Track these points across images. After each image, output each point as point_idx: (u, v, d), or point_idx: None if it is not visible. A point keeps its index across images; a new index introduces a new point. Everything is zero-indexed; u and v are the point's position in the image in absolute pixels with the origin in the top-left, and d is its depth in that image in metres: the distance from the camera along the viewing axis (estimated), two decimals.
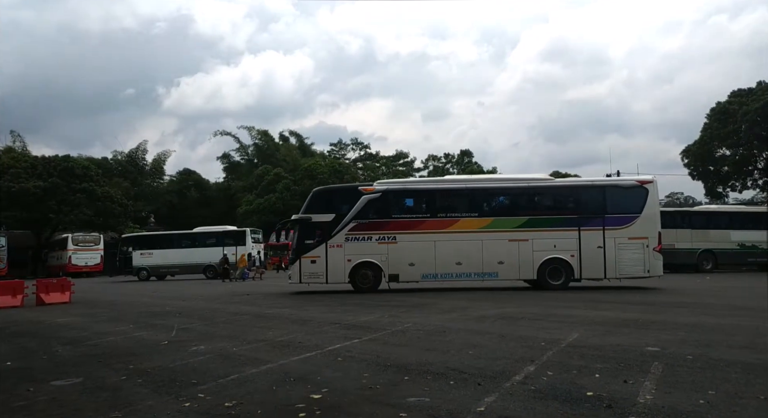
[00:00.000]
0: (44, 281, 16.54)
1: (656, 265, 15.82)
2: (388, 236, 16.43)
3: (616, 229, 15.89)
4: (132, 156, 57.03)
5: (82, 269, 37.30)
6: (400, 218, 16.63)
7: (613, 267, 15.85)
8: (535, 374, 5.43)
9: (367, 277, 16.56)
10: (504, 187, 17.32)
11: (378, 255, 16.41)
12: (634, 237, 15.78)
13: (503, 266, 16.16)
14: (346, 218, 16.47)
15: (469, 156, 62.84)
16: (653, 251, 15.76)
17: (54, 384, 5.63)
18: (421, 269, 16.33)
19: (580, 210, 16.35)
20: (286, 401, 4.72)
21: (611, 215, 16.05)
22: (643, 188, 16.16)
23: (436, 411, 4.30)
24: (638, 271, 15.83)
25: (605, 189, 16.79)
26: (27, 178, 39.21)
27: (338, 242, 16.45)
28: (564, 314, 10.19)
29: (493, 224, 16.33)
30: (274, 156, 55.65)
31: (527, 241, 16.08)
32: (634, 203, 16.04)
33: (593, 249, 15.90)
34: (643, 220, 15.89)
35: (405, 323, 9.33)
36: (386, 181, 19.05)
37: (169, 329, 9.49)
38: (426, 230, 16.34)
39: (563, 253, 16.01)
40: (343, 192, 18.73)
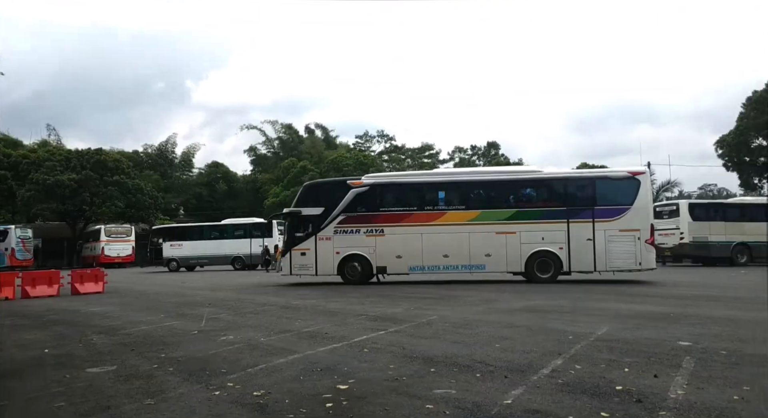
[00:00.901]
0: (79, 272, 17.03)
1: (648, 257, 15.58)
2: (376, 229, 16.67)
3: (607, 221, 15.68)
4: (162, 149, 58.10)
5: (115, 259, 38.24)
6: (387, 211, 16.81)
7: (604, 260, 15.64)
8: (562, 368, 5.38)
9: (355, 269, 16.81)
10: (491, 180, 17.29)
11: (366, 247, 16.67)
12: (625, 229, 15.55)
13: (490, 259, 16.16)
14: (335, 211, 16.80)
15: (496, 148, 62.24)
16: (645, 243, 15.48)
17: (90, 371, 5.79)
18: (409, 261, 16.53)
19: (569, 202, 16.19)
20: (313, 391, 4.77)
21: (601, 206, 15.84)
22: (635, 179, 15.87)
23: (462, 403, 4.30)
24: (630, 264, 15.58)
25: (595, 181, 16.59)
26: (62, 171, 40.30)
27: (327, 235, 16.81)
28: (594, 307, 10.06)
29: (480, 216, 16.36)
30: (297, 149, 56.05)
31: (515, 233, 16.04)
32: (625, 195, 15.77)
33: (583, 241, 15.75)
34: (635, 212, 15.61)
35: (431, 316, 9.33)
36: (374, 175, 19.25)
37: (199, 318, 9.68)
38: (413, 222, 16.53)
39: (551, 245, 15.90)
40: (332, 186, 18.90)
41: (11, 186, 40.11)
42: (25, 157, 41.93)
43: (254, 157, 61.14)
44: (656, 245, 27.15)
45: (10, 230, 34.39)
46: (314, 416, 4.10)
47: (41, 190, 39.21)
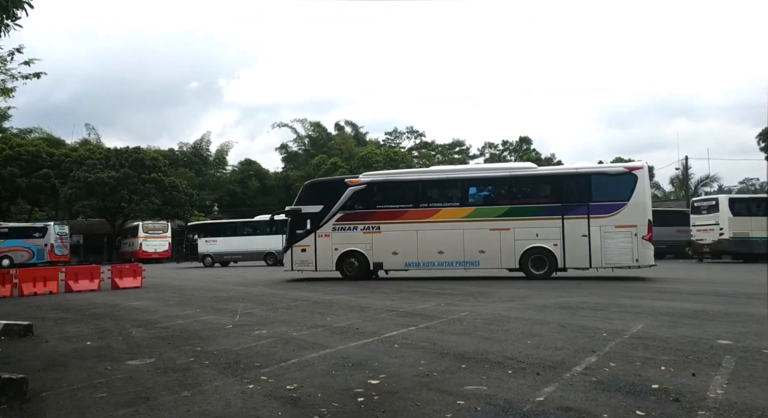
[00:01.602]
0: (118, 267, 17.54)
1: (646, 254, 15.25)
2: (373, 226, 16.98)
3: (602, 217, 15.46)
4: (196, 147, 59.21)
5: (152, 255, 39.18)
6: (383, 208, 17.11)
7: (599, 256, 15.44)
8: (596, 365, 5.30)
9: (353, 265, 17.17)
10: (485, 177, 17.52)
11: (363, 244, 17.02)
12: (621, 225, 15.29)
13: (485, 255, 16.22)
14: (333, 208, 17.22)
15: (528, 143, 61.42)
16: (642, 239, 15.16)
17: (129, 363, 5.98)
18: (404, 257, 16.79)
19: (563, 198, 16.03)
20: (344, 385, 4.82)
21: (597, 202, 15.64)
22: (632, 175, 15.58)
23: (494, 400, 4.29)
24: (626, 260, 15.32)
25: (590, 177, 16.36)
26: (101, 168, 41.53)
27: (326, 232, 17.25)
28: (628, 304, 9.86)
29: (475, 213, 16.45)
30: (327, 145, 56.38)
31: (509, 230, 16.04)
32: (622, 190, 15.51)
33: (577, 238, 15.58)
34: (632, 207, 15.32)
35: (462, 312, 9.30)
36: (371, 173, 19.32)
37: (233, 313, 9.86)
38: (408, 219, 16.75)
39: (546, 242, 15.80)
40: (331, 184, 19.27)
41: (54, 184, 41.52)
42: (67, 156, 43.30)
43: (285, 155, 61.78)
44: (695, 241, 26.81)
45: (49, 227, 35.60)
46: (346, 410, 4.15)
47: (82, 188, 40.50)
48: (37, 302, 12.94)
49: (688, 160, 40.42)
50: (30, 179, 40.65)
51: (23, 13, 6.51)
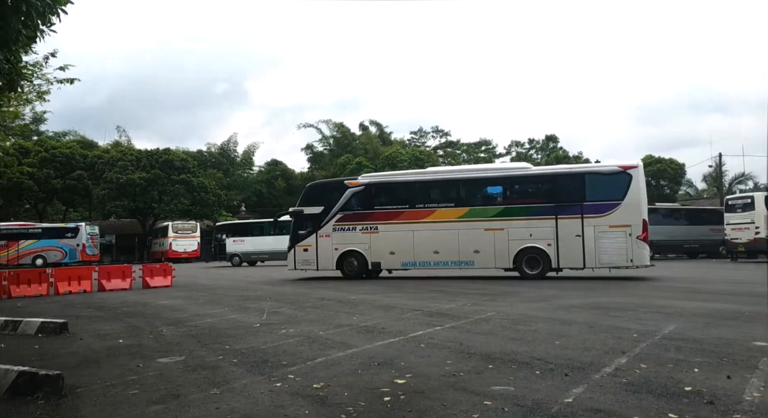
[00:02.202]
0: (149, 266, 17.92)
1: (641, 254, 15.06)
2: (371, 226, 17.40)
3: (596, 217, 15.36)
4: (224, 148, 60.00)
5: (181, 255, 39.87)
6: (381, 209, 17.50)
7: (593, 256, 15.33)
8: (626, 367, 5.21)
9: (352, 264, 17.67)
10: (479, 177, 17.60)
11: (362, 244, 17.47)
12: (615, 225, 15.15)
13: (479, 255, 16.38)
14: (333, 209, 17.76)
15: (555, 141, 60.62)
16: (637, 239, 14.98)
17: (160, 361, 6.10)
18: (401, 257, 17.15)
19: (557, 198, 15.97)
20: (371, 384, 4.83)
21: (590, 202, 15.53)
22: (626, 174, 15.40)
23: (521, 400, 4.25)
24: (621, 260, 15.19)
25: (584, 176, 16.28)
26: (133, 170, 42.47)
27: (327, 232, 17.81)
28: (660, 305, 9.66)
29: (469, 213, 16.60)
30: (351, 145, 56.53)
31: (503, 230, 16.13)
32: (616, 190, 15.35)
33: (571, 238, 15.51)
34: (626, 207, 15.16)
35: (488, 312, 9.23)
36: (370, 175, 19.77)
37: (261, 312, 9.98)
38: (405, 220, 17.10)
39: (539, 242, 15.80)
40: (331, 186, 19.61)
41: (88, 185, 42.63)
42: (100, 158, 44.40)
43: (311, 155, 62.15)
44: (729, 240, 26.10)
45: (80, 227, 36.53)
46: (372, 409, 4.16)
47: (114, 189, 41.48)
48: (72, 301, 13.30)
49: (722, 157, 39.24)
50: (65, 181, 41.81)
51: (57, 19, 6.70)
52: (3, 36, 6.42)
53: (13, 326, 8.48)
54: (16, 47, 7.02)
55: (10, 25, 6.30)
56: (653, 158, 43.29)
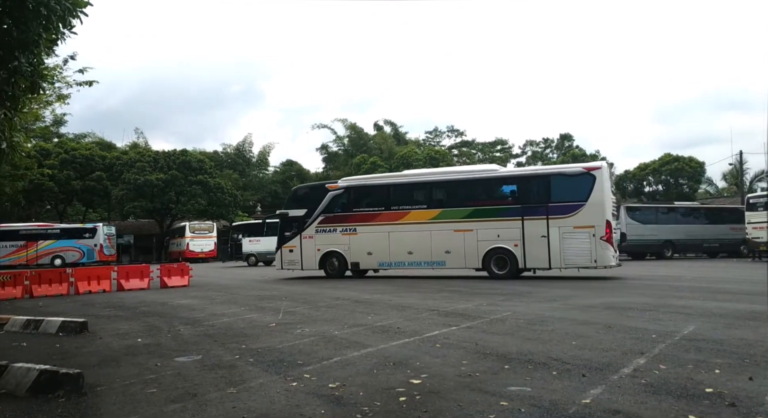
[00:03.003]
0: (167, 266, 18.11)
1: (604, 254, 15.07)
2: (350, 228, 18.03)
3: (561, 218, 15.47)
4: (240, 149, 60.46)
5: (199, 255, 40.21)
6: (359, 211, 18.14)
7: (558, 257, 15.42)
8: (645, 368, 5.14)
9: (333, 264, 18.38)
10: (450, 180, 17.92)
11: (342, 245, 18.16)
12: (579, 226, 15.22)
13: (450, 255, 16.74)
14: (316, 212, 18.50)
15: (570, 140, 60.08)
16: (600, 240, 15.00)
17: (177, 360, 6.16)
18: (378, 257, 17.78)
19: (523, 200, 16.19)
20: (386, 384, 4.83)
21: (555, 203, 15.67)
22: (590, 175, 15.46)
23: (538, 401, 4.21)
24: (585, 261, 15.26)
25: (549, 178, 16.43)
26: (150, 171, 42.94)
27: (310, 234, 18.55)
28: (679, 305, 9.52)
29: (441, 215, 17.01)
30: (366, 145, 56.55)
31: (472, 231, 16.44)
32: (580, 191, 15.43)
33: (537, 238, 15.67)
34: (590, 208, 15.22)
35: (504, 312, 9.18)
36: (349, 178, 20.17)
37: (276, 311, 10.03)
38: (381, 221, 17.66)
39: (507, 242, 16.05)
40: (314, 189, 20.29)
41: (107, 186, 43.20)
42: (118, 159, 44.97)
43: (326, 155, 62.36)
44: (750, 239, 25.64)
45: (98, 228, 37.01)
46: (388, 409, 4.16)
47: (133, 189, 41.98)
48: (92, 300, 13.49)
49: (743, 155, 38.55)
50: (84, 182, 42.41)
51: (78, 21, 6.80)
52: (24, 39, 6.54)
53: (35, 325, 8.63)
54: (37, 50, 7.13)
55: (31, 28, 6.41)
56: (671, 156, 42.64)
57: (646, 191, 43.96)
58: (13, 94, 7.32)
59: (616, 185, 47.73)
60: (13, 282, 14.56)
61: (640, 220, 29.64)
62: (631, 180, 44.24)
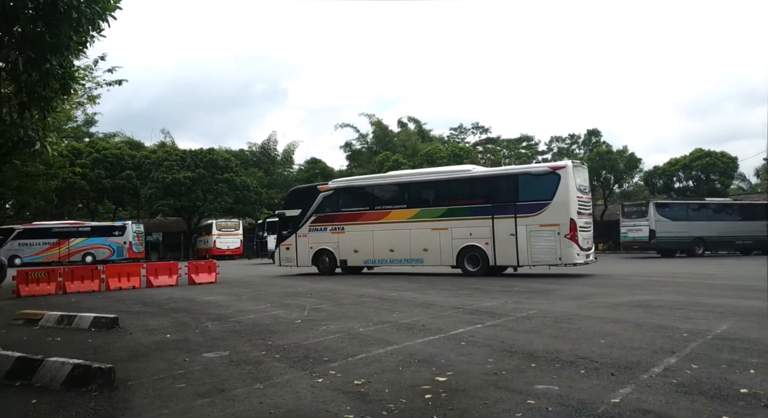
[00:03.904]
0: (194, 263, 18.38)
1: (568, 252, 15.34)
2: (338, 227, 18.99)
3: (528, 216, 15.87)
4: (265, 147, 60.93)
5: (225, 252, 40.72)
6: (347, 211, 19.03)
7: (526, 254, 15.84)
8: (677, 367, 5.03)
9: (325, 262, 19.37)
10: (427, 180, 18.58)
11: (332, 243, 19.15)
12: (545, 224, 15.59)
13: (427, 253, 17.40)
14: (309, 212, 19.51)
15: (597, 135, 58.96)
16: (565, 238, 15.25)
17: (205, 356, 6.25)
18: (363, 255, 18.63)
19: (494, 199, 16.65)
20: (411, 382, 4.82)
21: (523, 202, 16.10)
22: (555, 174, 15.75)
23: (566, 400, 4.16)
24: (550, 258, 15.64)
25: (517, 177, 16.87)
26: (178, 169, 43.62)
27: (304, 233, 19.64)
28: (711, 304, 9.30)
29: (419, 214, 17.67)
30: (391, 142, 56.41)
31: (447, 229, 17.04)
32: (546, 190, 15.76)
33: (506, 237, 16.13)
34: (555, 206, 15.53)
35: (530, 309, 9.09)
36: (338, 180, 21.54)
37: (302, 308, 10.10)
38: (366, 221, 18.51)
39: (479, 241, 16.54)
40: (308, 190, 21.25)
41: (136, 185, 44.04)
42: (147, 158, 45.78)
43: (350, 153, 62.44)
44: None
45: (127, 225, 37.80)
46: (414, 407, 4.15)
47: (161, 188, 42.72)
48: (122, 296, 13.79)
49: None
50: (114, 180, 43.28)
51: (106, 24, 6.94)
52: (56, 42, 6.70)
53: (69, 320, 8.86)
54: (68, 52, 7.31)
55: (62, 31, 6.57)
56: (702, 152, 41.50)
57: (675, 187, 42.94)
58: (46, 95, 7.51)
59: (644, 182, 46.81)
60: (47, 279, 14.96)
61: (670, 216, 29.00)
62: (661, 176, 43.26)
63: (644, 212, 29.04)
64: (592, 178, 43.45)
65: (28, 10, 6.46)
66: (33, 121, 8.34)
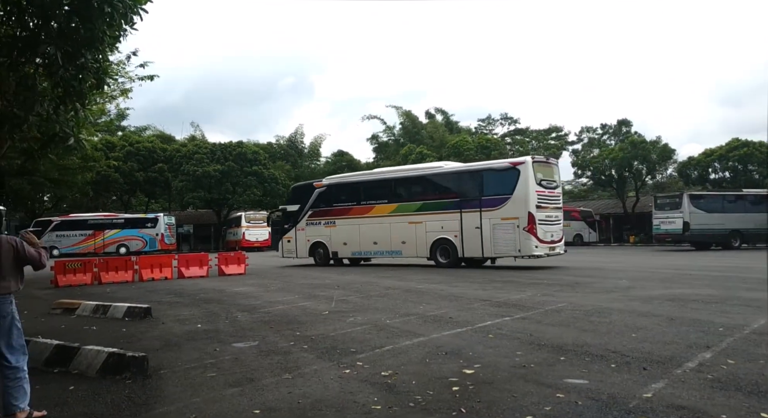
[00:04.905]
0: (224, 255, 18.68)
1: (527, 244, 15.84)
2: (330, 221, 20.23)
3: (491, 210, 16.47)
4: (292, 140, 61.32)
5: (254, 244, 41.22)
6: (338, 206, 20.20)
7: (490, 246, 16.47)
8: (712, 362, 4.91)
9: (320, 253, 20.53)
10: (405, 177, 19.61)
11: (325, 236, 20.34)
12: (506, 217, 16.20)
13: (405, 246, 18.40)
14: (306, 207, 20.84)
15: (628, 125, 57.60)
16: (523, 230, 15.80)
17: (235, 346, 6.35)
18: (351, 247, 19.75)
19: (462, 194, 17.31)
20: (439, 374, 4.82)
21: (487, 197, 16.69)
22: (515, 170, 16.32)
23: (596, 394, 4.10)
24: (511, 250, 16.24)
25: (482, 173, 17.40)
26: (208, 162, 44.28)
27: (302, 226, 20.97)
28: (747, 297, 9.03)
29: (398, 209, 18.68)
30: (419, 134, 56.12)
31: (421, 223, 17.97)
32: (507, 185, 16.35)
33: (472, 230, 16.77)
34: (514, 200, 16.11)
35: (559, 302, 8.97)
36: (331, 177, 22.68)
37: (329, 300, 10.17)
38: (353, 215, 19.67)
39: (449, 234, 17.34)
40: (306, 187, 22.10)
41: (168, 177, 44.88)
42: (178, 151, 46.55)
43: (376, 145, 62.38)
44: None
45: (159, 217, 38.57)
46: (441, 399, 4.14)
47: (191, 181, 43.44)
48: (155, 287, 14.10)
49: None
50: (146, 173, 44.17)
51: (138, 18, 7.06)
52: (90, 37, 6.85)
53: (104, 310, 9.11)
54: (102, 47, 7.45)
55: (96, 26, 6.70)
56: (740, 141, 40.12)
57: (711, 179, 41.72)
58: (81, 89, 7.68)
59: (678, 173, 45.59)
60: (83, 269, 15.41)
61: (705, 208, 28.22)
62: (695, 167, 42.08)
63: (678, 203, 28.32)
64: (623, 168, 42.63)
65: (64, 6, 6.60)
66: (68, 116, 8.55)
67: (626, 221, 44.40)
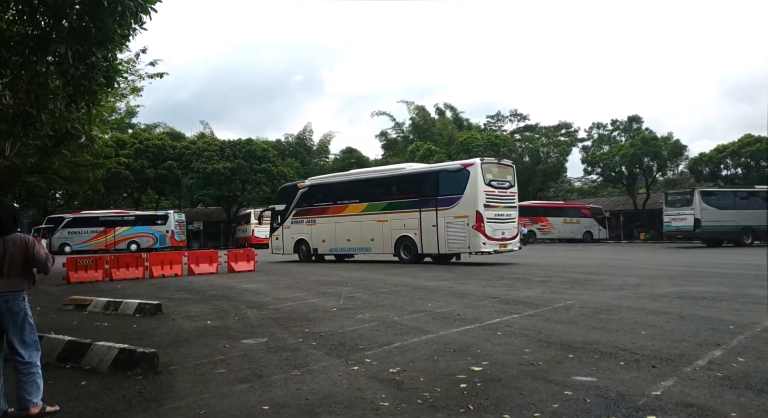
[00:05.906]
0: (234, 252, 18.79)
1: (475, 241, 16.73)
2: (311, 220, 21.35)
3: (445, 209, 17.40)
4: (301, 137, 61.44)
5: (263, 240, 41.29)
6: (318, 205, 21.32)
7: (444, 243, 17.40)
8: (722, 360, 4.88)
9: (302, 250, 21.68)
10: (374, 178, 20.86)
11: (307, 234, 21.53)
12: (458, 216, 17.07)
13: (374, 243, 19.41)
14: (291, 206, 22.04)
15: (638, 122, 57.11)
16: (472, 228, 16.64)
17: (244, 342, 6.39)
18: (329, 244, 20.83)
19: (421, 194, 18.30)
20: (447, 371, 4.82)
21: (442, 196, 17.64)
22: (466, 171, 17.18)
23: (604, 392, 4.09)
24: (461, 247, 17.23)
25: (438, 174, 18.49)
26: (217, 160, 44.49)
27: (288, 225, 22.17)
28: (758, 295, 8.95)
29: (368, 208, 19.71)
30: (430, 130, 55.98)
31: (387, 221, 18.97)
32: (459, 185, 17.21)
33: (430, 228, 17.74)
34: (465, 200, 16.98)
35: (568, 300, 8.94)
36: (313, 178, 24.30)
37: (338, 296, 10.21)
38: (331, 214, 20.75)
39: (410, 231, 18.33)
40: (292, 188, 23.28)
41: (177, 175, 45.13)
42: (188, 149, 46.79)
43: (385, 142, 62.33)
44: None
45: (169, 215, 38.82)
46: (449, 395, 4.15)
47: (201, 178, 43.69)
48: (165, 284, 14.21)
49: None
50: (157, 170, 44.44)
51: (148, 17, 7.11)
52: (101, 36, 6.90)
53: (115, 306, 9.20)
54: (112, 46, 7.52)
55: (107, 24, 6.75)
56: (753, 137, 39.67)
57: (723, 175, 41.31)
58: (92, 88, 7.75)
59: (690, 169, 45.17)
60: (94, 266, 15.56)
61: (716, 205, 27.94)
62: (707, 163, 41.67)
63: (689, 200, 28.07)
64: (634, 165, 42.29)
65: (76, 5, 6.66)
66: (79, 114, 8.63)
67: (636, 217, 44.10)
